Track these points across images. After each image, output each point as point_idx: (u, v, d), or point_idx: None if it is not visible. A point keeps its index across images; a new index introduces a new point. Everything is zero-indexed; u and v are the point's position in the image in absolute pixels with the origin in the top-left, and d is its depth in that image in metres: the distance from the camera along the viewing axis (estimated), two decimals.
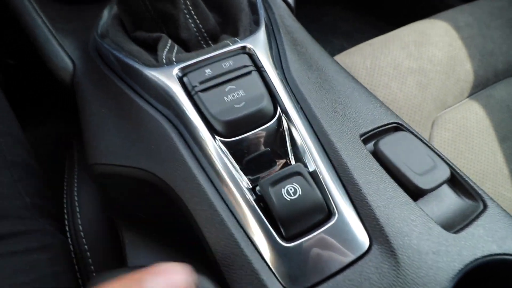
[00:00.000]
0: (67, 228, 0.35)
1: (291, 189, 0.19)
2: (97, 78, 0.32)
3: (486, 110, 0.55)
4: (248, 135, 0.22)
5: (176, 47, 0.30)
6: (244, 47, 0.27)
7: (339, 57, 0.56)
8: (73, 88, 0.34)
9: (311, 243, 0.18)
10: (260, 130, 0.23)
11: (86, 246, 0.34)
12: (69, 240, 0.34)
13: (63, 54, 0.35)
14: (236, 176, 0.21)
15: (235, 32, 0.33)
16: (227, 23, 0.34)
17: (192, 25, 0.32)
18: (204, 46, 0.33)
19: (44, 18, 0.38)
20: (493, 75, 0.58)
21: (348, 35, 1.07)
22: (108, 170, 0.26)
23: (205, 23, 0.33)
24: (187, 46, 0.32)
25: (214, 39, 0.34)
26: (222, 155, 0.22)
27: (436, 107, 0.53)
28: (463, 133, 0.52)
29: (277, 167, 0.22)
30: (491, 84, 0.58)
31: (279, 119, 0.23)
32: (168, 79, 0.25)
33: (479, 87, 0.57)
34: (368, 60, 0.53)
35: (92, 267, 0.33)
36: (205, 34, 0.33)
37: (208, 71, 0.25)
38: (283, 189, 0.19)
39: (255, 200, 0.20)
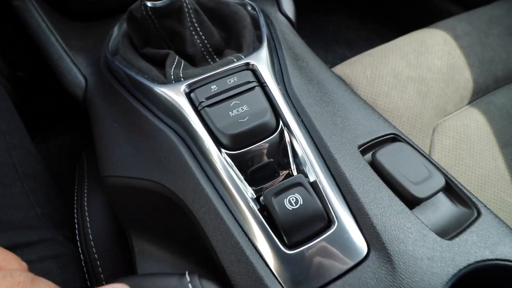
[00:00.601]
0: (77, 238, 0.37)
1: (293, 199, 0.20)
2: (109, 94, 0.34)
3: (487, 116, 0.55)
4: (252, 148, 0.24)
5: (183, 63, 0.32)
6: (247, 64, 0.29)
7: (339, 68, 0.57)
8: (85, 103, 0.36)
9: (312, 250, 0.19)
10: (263, 143, 0.24)
11: (96, 255, 0.35)
12: (80, 249, 0.36)
13: (76, 71, 0.36)
14: (241, 187, 0.22)
15: (238, 48, 0.34)
16: (231, 38, 0.36)
17: (198, 41, 0.34)
18: (210, 60, 0.35)
19: (57, 36, 0.40)
20: (493, 82, 0.59)
21: (351, 43, 1.08)
22: (120, 182, 0.27)
23: (210, 39, 0.35)
24: (193, 61, 0.34)
25: (218, 53, 0.35)
26: (228, 166, 0.23)
27: (436, 115, 0.54)
28: (464, 139, 0.52)
29: (280, 178, 0.24)
30: (491, 91, 0.59)
31: (281, 132, 0.25)
32: (176, 95, 0.27)
33: (479, 94, 0.58)
34: (368, 70, 0.55)
35: (101, 275, 0.34)
36: (210, 49, 0.35)
37: (214, 87, 0.27)
38: (285, 199, 0.20)
39: (259, 210, 0.21)
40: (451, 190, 0.23)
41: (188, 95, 0.27)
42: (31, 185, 0.33)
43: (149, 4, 0.31)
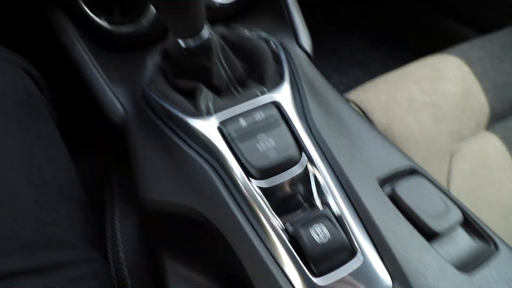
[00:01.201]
0: (109, 257, 0.39)
1: (320, 232, 0.22)
2: (146, 123, 0.37)
3: (505, 142, 0.55)
4: (278, 180, 0.26)
5: (211, 95, 0.35)
6: (272, 100, 0.32)
7: (354, 93, 0.60)
8: (123, 131, 0.40)
9: (340, 282, 0.21)
10: (288, 174, 0.26)
11: (126, 273, 0.37)
12: (112, 268, 0.38)
13: (116, 102, 0.40)
14: (270, 216, 0.24)
15: (260, 80, 0.38)
16: (253, 70, 0.39)
17: (223, 73, 0.38)
18: (233, 90, 0.38)
19: (99, 69, 0.44)
20: (509, 107, 0.60)
21: (364, 65, 1.10)
22: (156, 206, 0.30)
23: (234, 71, 0.38)
24: (219, 91, 0.37)
25: (241, 84, 0.39)
26: (257, 196, 0.25)
27: (453, 140, 0.54)
28: (483, 165, 0.52)
29: (304, 208, 0.26)
30: (508, 116, 0.59)
31: (305, 164, 0.27)
32: (209, 129, 0.30)
33: (495, 119, 0.58)
34: (383, 96, 0.57)
35: None
36: (233, 81, 0.38)
37: (242, 121, 0.30)
38: (313, 231, 0.22)
39: (288, 240, 0.23)
40: (469, 223, 0.24)
41: (220, 129, 0.30)
42: (73, 206, 0.36)
43: (183, 45, 0.35)
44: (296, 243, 0.23)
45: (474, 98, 0.59)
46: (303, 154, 0.28)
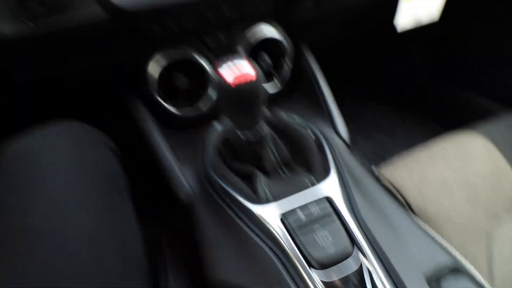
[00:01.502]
0: None
1: None
2: (210, 203, 0.43)
3: None
4: (335, 271, 0.30)
5: (265, 179, 0.41)
6: (325, 196, 0.37)
7: (387, 170, 0.63)
8: (188, 207, 0.46)
9: None
10: (346, 269, 0.30)
11: None
12: None
13: (184, 181, 0.47)
14: None
15: (305, 165, 0.44)
16: (296, 153, 0.46)
17: (272, 157, 0.44)
18: (280, 172, 0.44)
19: (169, 149, 0.51)
20: None
21: (388, 130, 1.14)
22: (223, 285, 0.34)
23: (281, 155, 0.45)
24: (267, 172, 0.43)
25: (286, 165, 0.45)
26: (319, 286, 0.29)
27: (489, 221, 0.55)
28: None
29: None
30: None
31: (360, 260, 0.31)
32: (271, 217, 0.35)
33: None
34: (415, 175, 0.60)
35: None
36: (280, 163, 0.45)
37: (300, 214, 0.35)
38: None
39: None
40: None
41: (282, 220, 0.35)
42: (144, 277, 0.40)
43: (243, 137, 0.42)
44: None
45: (504, 178, 0.61)
46: (355, 247, 0.32)
